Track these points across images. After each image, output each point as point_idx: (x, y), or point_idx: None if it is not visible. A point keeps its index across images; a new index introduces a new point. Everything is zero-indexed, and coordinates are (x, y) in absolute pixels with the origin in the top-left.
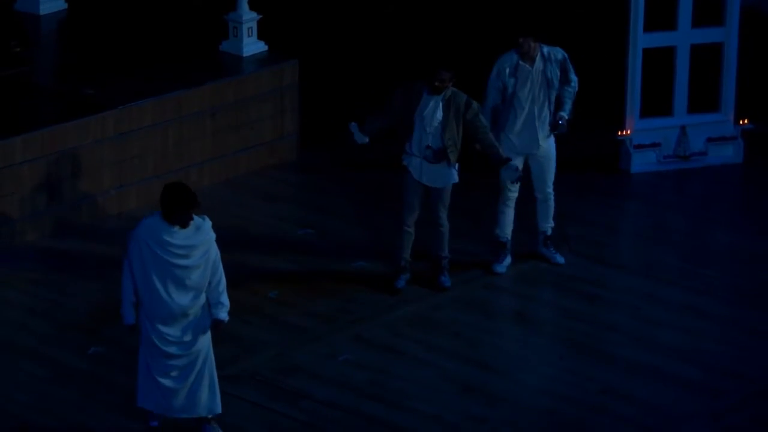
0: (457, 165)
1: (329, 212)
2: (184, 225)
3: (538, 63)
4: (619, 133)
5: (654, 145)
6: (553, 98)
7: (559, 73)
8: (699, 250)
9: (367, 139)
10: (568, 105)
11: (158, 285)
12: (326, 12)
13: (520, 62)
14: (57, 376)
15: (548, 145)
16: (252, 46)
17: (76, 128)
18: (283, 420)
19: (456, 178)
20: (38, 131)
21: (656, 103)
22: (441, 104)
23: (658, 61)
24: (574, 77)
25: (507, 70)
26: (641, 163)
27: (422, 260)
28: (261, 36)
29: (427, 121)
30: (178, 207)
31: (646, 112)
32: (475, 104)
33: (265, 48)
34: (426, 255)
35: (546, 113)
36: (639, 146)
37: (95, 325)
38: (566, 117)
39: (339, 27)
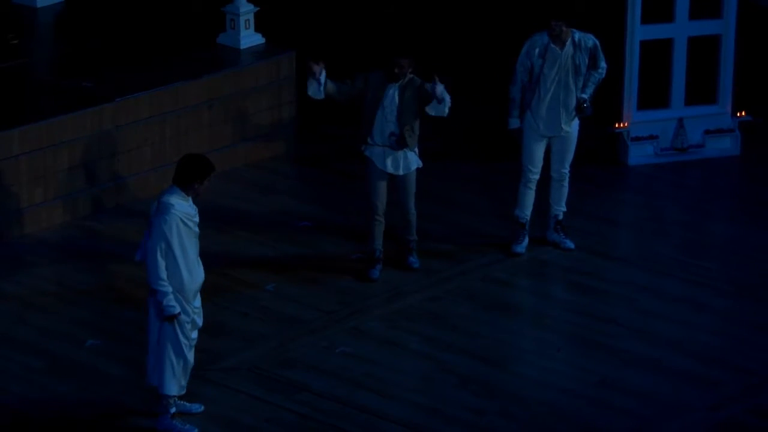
0: (417, 150)
1: (327, 204)
2: (199, 194)
3: (568, 48)
4: (617, 126)
5: (651, 137)
6: (580, 84)
7: (587, 60)
8: (697, 242)
9: (321, 92)
10: (590, 89)
11: (194, 258)
12: (323, 4)
13: (551, 44)
14: (54, 369)
15: (572, 128)
16: (249, 38)
17: (73, 121)
18: (280, 412)
19: (419, 163)
20: (36, 124)
21: (654, 96)
22: (397, 91)
23: (656, 54)
24: (603, 64)
25: (536, 51)
26: (639, 155)
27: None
28: (258, 28)
29: (387, 111)
30: (203, 176)
31: (644, 104)
32: (427, 84)
33: (263, 40)
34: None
35: (572, 99)
36: (636, 138)
37: (92, 317)
38: (586, 98)
39: (336, 19)
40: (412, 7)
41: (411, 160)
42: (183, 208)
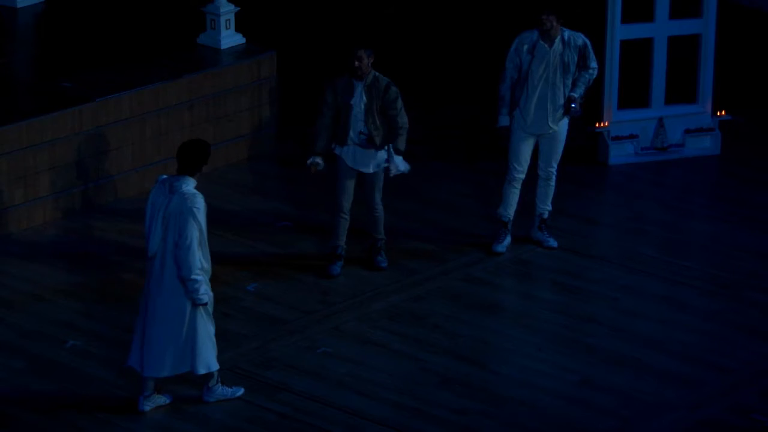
0: (386, 148)
1: (307, 204)
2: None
3: (557, 45)
4: (597, 125)
5: (632, 136)
6: (569, 83)
7: (576, 59)
8: (677, 241)
9: (321, 161)
10: (581, 89)
11: None
12: (303, 4)
13: (540, 41)
14: (35, 369)
15: (560, 127)
16: (230, 38)
17: (53, 121)
18: (261, 412)
19: (387, 162)
20: (16, 124)
21: (634, 95)
22: (364, 90)
23: (636, 53)
24: (594, 64)
25: (525, 47)
26: (619, 154)
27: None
28: (238, 28)
29: (356, 109)
30: (207, 157)
31: (624, 103)
32: (393, 89)
33: (243, 40)
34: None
35: (560, 97)
36: (617, 138)
37: (73, 317)
38: (576, 97)
39: (316, 18)
40: (404, 6)
41: (381, 158)
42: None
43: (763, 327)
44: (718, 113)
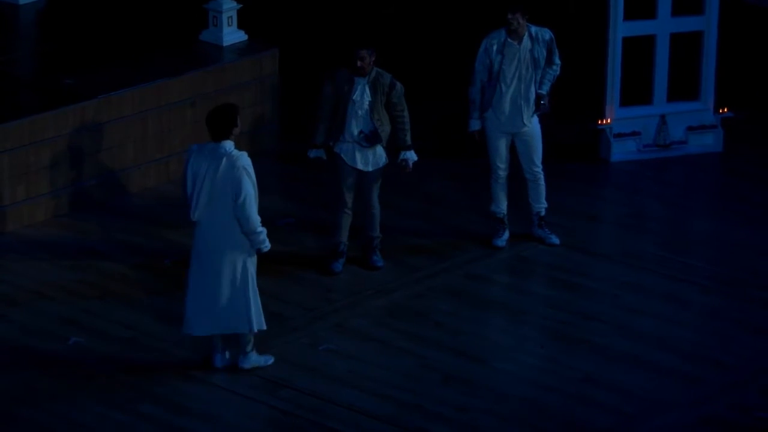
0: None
1: (310, 201)
2: (237, 136)
3: (526, 42)
4: (599, 122)
5: (634, 133)
6: (539, 78)
7: (545, 54)
8: (679, 239)
9: (323, 152)
10: (547, 86)
11: None
12: (305, 1)
13: (508, 40)
14: (37, 366)
15: (533, 124)
16: (232, 35)
17: (55, 118)
18: (263, 409)
19: (386, 159)
20: (18, 121)
21: (636, 92)
22: (368, 87)
23: (638, 50)
24: (557, 60)
25: (494, 47)
26: (621, 151)
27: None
28: (241, 25)
29: (357, 105)
30: (237, 118)
31: (626, 100)
32: (398, 85)
33: (245, 37)
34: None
35: (532, 92)
36: (619, 135)
37: (75, 314)
38: (544, 93)
39: (318, 15)
40: (403, 6)
41: (380, 156)
42: None
43: (765, 324)
44: (721, 110)
